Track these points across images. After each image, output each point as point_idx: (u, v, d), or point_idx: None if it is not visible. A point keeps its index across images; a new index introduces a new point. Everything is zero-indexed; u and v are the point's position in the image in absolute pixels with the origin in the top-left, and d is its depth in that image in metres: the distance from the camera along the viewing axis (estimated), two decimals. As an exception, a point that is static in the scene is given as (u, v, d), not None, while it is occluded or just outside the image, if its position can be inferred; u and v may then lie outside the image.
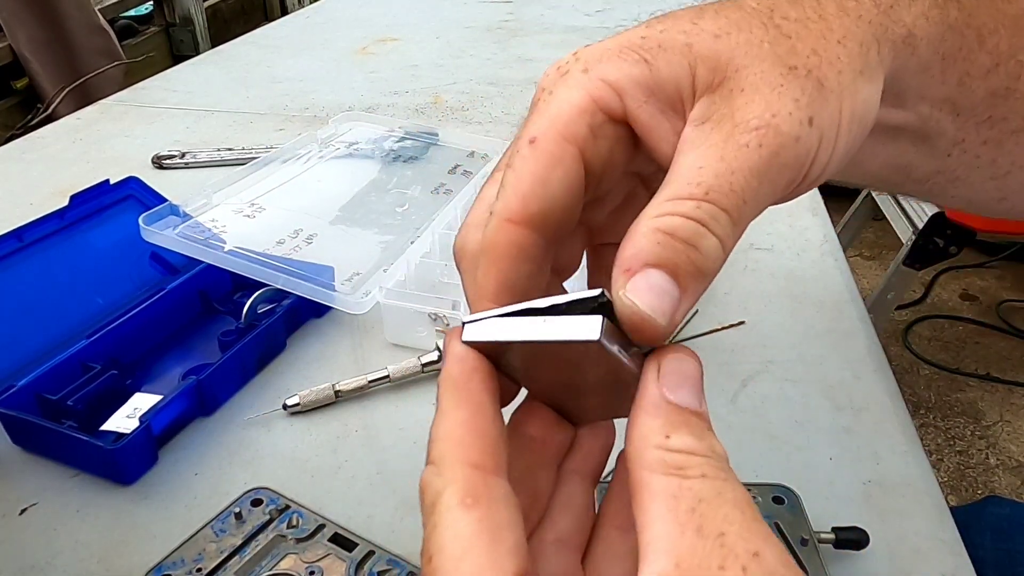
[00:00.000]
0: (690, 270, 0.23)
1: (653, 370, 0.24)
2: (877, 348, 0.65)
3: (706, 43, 0.25)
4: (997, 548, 0.68)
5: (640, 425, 0.23)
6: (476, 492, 0.22)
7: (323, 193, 0.77)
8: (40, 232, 0.64)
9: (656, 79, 0.25)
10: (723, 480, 0.22)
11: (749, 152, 0.23)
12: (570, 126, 0.25)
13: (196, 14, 2.98)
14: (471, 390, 0.24)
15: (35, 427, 0.53)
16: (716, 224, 0.23)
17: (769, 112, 0.24)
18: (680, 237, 0.23)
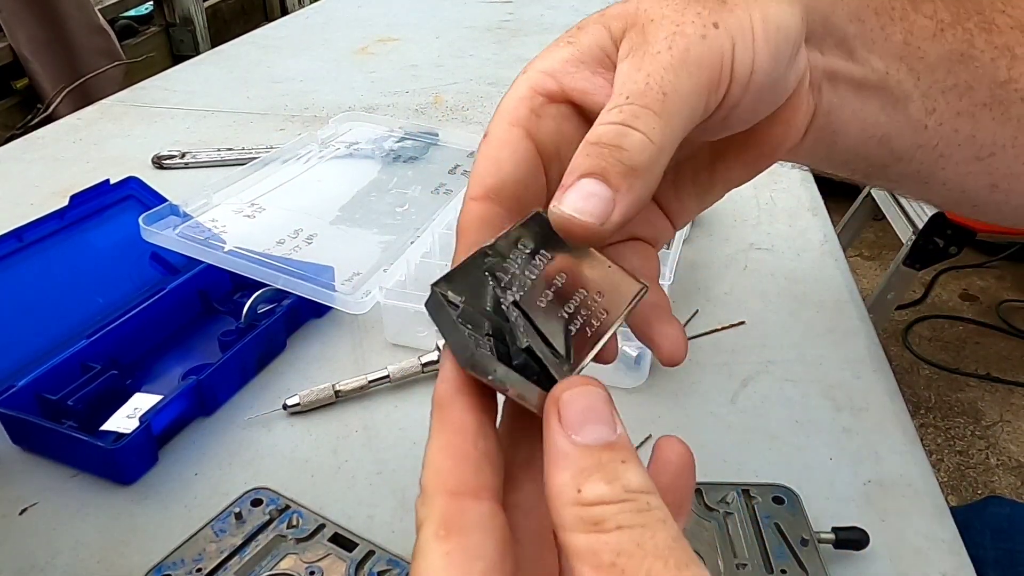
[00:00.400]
0: (619, 169, 0.25)
1: (554, 415, 0.23)
2: (877, 348, 0.65)
3: (616, 7, 0.29)
4: (997, 548, 0.68)
5: (552, 482, 0.23)
6: (449, 523, 0.22)
7: (323, 193, 0.77)
8: (40, 232, 0.64)
9: (580, 50, 0.29)
10: (642, 527, 0.21)
11: (660, 56, 0.26)
12: (513, 112, 0.29)
13: (196, 14, 2.98)
14: (453, 411, 0.24)
15: (35, 427, 0.53)
16: (638, 121, 0.25)
17: (674, 25, 0.27)
18: (604, 142, 0.25)
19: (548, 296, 0.27)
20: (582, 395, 0.23)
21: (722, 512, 0.48)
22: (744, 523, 0.47)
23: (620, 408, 0.25)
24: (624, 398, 0.58)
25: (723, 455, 0.55)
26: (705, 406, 0.59)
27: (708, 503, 0.49)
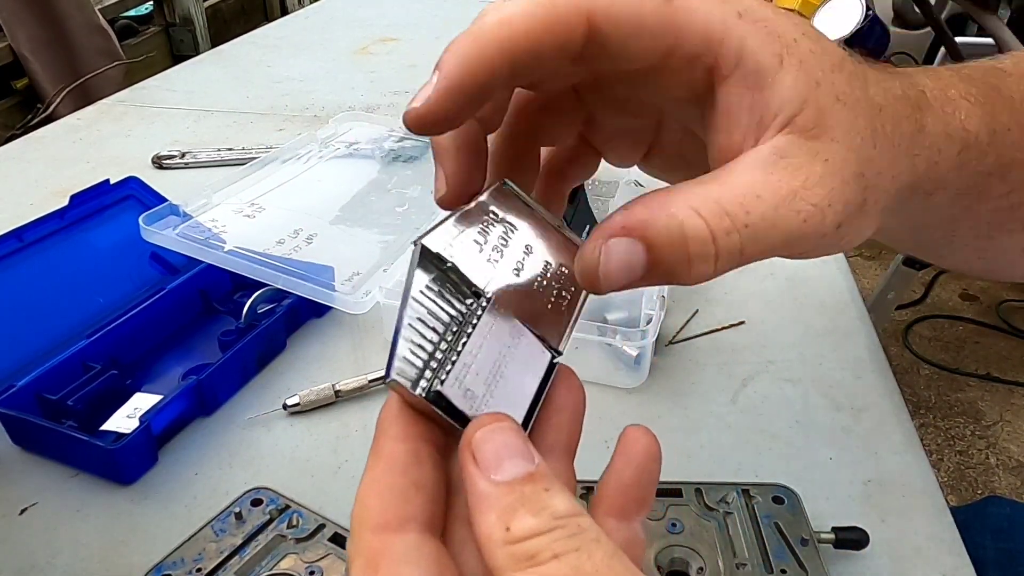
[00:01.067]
0: (665, 272, 0.24)
1: (469, 458, 0.23)
2: (877, 348, 0.65)
3: (819, 92, 0.25)
4: (997, 548, 0.68)
5: (480, 527, 0.22)
6: (375, 561, 0.22)
7: (323, 193, 0.77)
8: (40, 232, 0.64)
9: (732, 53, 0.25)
10: (576, 551, 0.21)
11: (794, 219, 0.24)
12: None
13: (196, 14, 2.98)
14: (387, 438, 0.24)
15: (35, 427, 0.53)
16: (725, 257, 0.24)
17: (829, 197, 0.24)
18: (692, 241, 0.24)
19: (522, 268, 0.27)
20: (494, 432, 0.23)
21: (722, 512, 0.48)
22: (744, 523, 0.47)
23: (620, 408, 0.25)
24: (624, 398, 0.58)
25: (723, 455, 0.55)
26: (705, 406, 0.59)
27: (708, 503, 0.49)
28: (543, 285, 0.27)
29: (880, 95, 0.26)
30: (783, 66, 0.24)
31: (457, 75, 0.23)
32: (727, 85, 0.25)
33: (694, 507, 0.48)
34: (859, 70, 0.26)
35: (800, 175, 0.24)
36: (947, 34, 2.37)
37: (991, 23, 1.85)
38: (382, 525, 0.23)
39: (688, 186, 0.24)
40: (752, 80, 0.24)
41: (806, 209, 0.24)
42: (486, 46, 0.23)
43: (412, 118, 0.24)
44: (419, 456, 0.24)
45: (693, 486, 0.50)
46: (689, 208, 0.24)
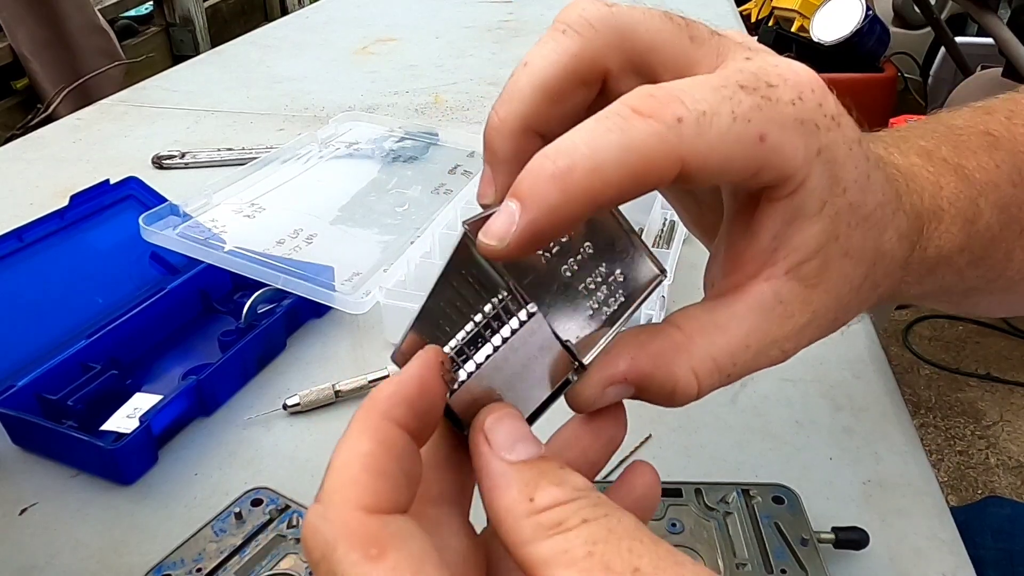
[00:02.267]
0: (644, 400, 0.27)
1: (482, 442, 0.23)
2: (877, 348, 0.65)
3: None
4: (997, 548, 0.68)
5: (499, 503, 0.22)
6: (379, 540, 0.20)
7: (323, 193, 0.78)
8: (40, 232, 0.64)
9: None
10: (606, 516, 0.21)
11: (764, 362, 0.27)
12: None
13: (196, 14, 2.98)
14: (384, 421, 0.22)
15: (35, 427, 0.53)
16: (702, 396, 0.27)
17: (800, 344, 0.27)
18: (680, 394, 0.27)
19: (574, 266, 0.26)
20: (506, 417, 0.24)
21: (722, 512, 0.48)
22: (744, 523, 0.47)
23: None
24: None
25: (723, 455, 0.55)
26: (705, 406, 0.59)
27: (708, 503, 0.49)
28: (591, 288, 0.26)
29: (891, 239, 0.28)
30: (821, 213, 0.25)
31: (540, 220, 0.22)
32: (772, 205, 0.25)
33: (694, 507, 0.48)
34: (886, 215, 0.27)
35: (788, 324, 0.26)
36: (947, 34, 2.37)
37: (991, 23, 1.85)
38: (375, 507, 0.21)
39: (692, 334, 0.26)
40: (791, 214, 0.25)
41: (777, 354, 0.27)
42: (573, 195, 0.22)
43: (489, 252, 0.23)
44: (412, 449, 0.23)
45: (693, 486, 0.50)
46: (689, 368, 0.26)
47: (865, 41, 2.57)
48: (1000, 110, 0.36)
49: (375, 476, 0.21)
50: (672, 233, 0.73)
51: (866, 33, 2.55)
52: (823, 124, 0.24)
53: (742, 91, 0.23)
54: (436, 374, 0.23)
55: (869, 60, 2.62)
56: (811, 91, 0.24)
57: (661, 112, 0.22)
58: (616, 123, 0.22)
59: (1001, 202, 0.33)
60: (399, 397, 0.23)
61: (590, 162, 0.22)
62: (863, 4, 2.52)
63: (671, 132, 0.22)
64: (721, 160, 0.23)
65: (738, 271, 0.27)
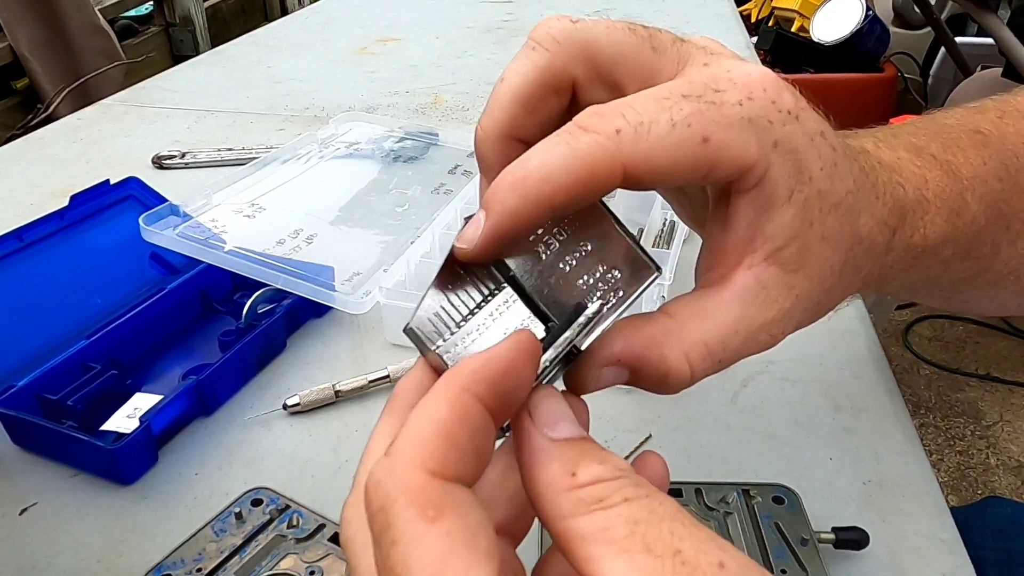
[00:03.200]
0: (639, 386, 0.28)
1: (525, 418, 0.24)
2: (877, 348, 0.65)
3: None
4: (997, 548, 0.68)
5: (539, 478, 0.22)
6: (438, 503, 0.20)
7: (323, 193, 0.77)
8: (40, 232, 0.64)
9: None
10: (648, 496, 0.21)
11: (754, 347, 0.28)
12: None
13: (196, 14, 2.98)
14: (464, 393, 0.22)
15: (35, 427, 0.53)
16: (695, 382, 0.28)
17: (786, 328, 0.28)
18: (673, 378, 0.27)
19: (572, 263, 0.27)
20: (550, 396, 0.24)
21: (722, 512, 0.48)
22: (744, 523, 0.47)
23: (620, 408, 0.25)
24: (624, 398, 0.58)
25: (723, 455, 0.55)
26: (705, 406, 0.59)
27: (708, 503, 0.49)
28: (589, 284, 0.28)
29: (867, 226, 0.29)
30: (790, 201, 0.27)
31: (501, 224, 0.25)
32: (740, 198, 0.27)
33: (694, 507, 0.48)
34: (859, 200, 0.29)
35: (773, 309, 0.28)
36: (947, 34, 2.38)
37: (991, 23, 1.85)
38: (440, 472, 0.21)
39: (684, 320, 0.27)
40: (761, 204, 0.27)
41: (766, 339, 0.28)
42: (530, 201, 0.25)
43: (461, 255, 0.26)
44: (488, 427, 0.23)
45: (693, 486, 0.50)
46: (681, 352, 0.27)
47: (865, 41, 2.57)
48: (992, 110, 0.37)
49: (445, 443, 0.21)
50: (672, 233, 0.73)
51: (866, 33, 2.55)
52: (776, 119, 0.26)
53: (684, 100, 0.25)
54: (526, 359, 0.23)
55: (869, 60, 2.62)
56: (762, 90, 0.26)
57: (602, 126, 0.25)
58: (564, 138, 0.25)
59: (988, 197, 0.34)
60: (483, 373, 0.23)
61: (541, 171, 0.25)
62: (863, 4, 2.52)
63: (610, 142, 0.25)
64: (665, 162, 0.25)
65: (722, 262, 0.28)
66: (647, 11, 1.48)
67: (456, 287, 0.27)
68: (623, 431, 0.55)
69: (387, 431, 0.26)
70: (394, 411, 0.26)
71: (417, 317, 0.26)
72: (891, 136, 0.34)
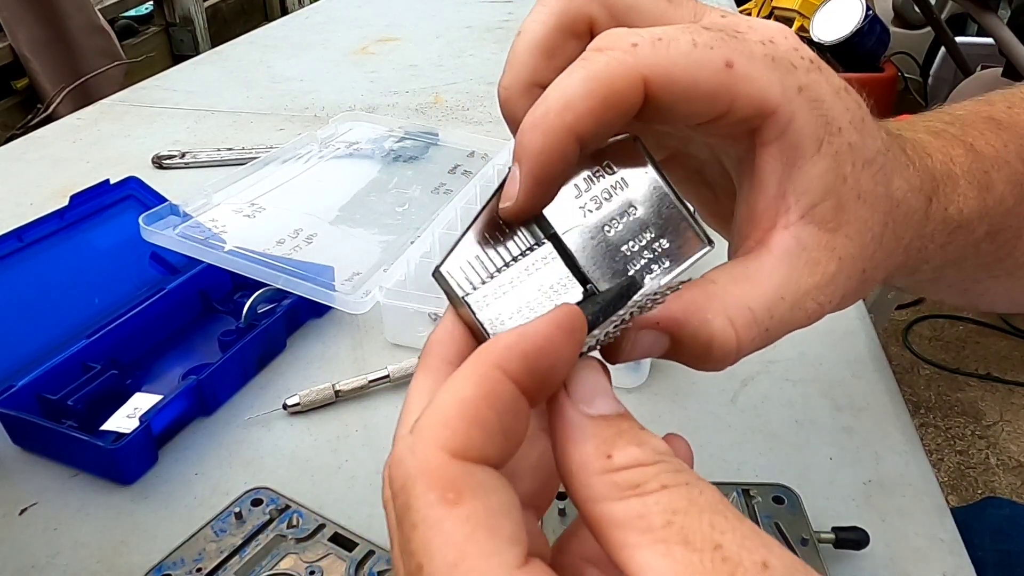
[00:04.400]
0: (680, 360, 0.26)
1: (560, 391, 0.22)
2: (877, 348, 0.65)
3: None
4: (996, 549, 0.68)
5: (572, 457, 0.21)
6: (458, 485, 0.19)
7: (323, 193, 0.77)
8: (40, 232, 0.64)
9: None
10: (687, 484, 0.20)
11: (801, 316, 0.26)
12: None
13: (196, 14, 2.98)
14: (491, 368, 0.21)
15: (35, 427, 0.53)
16: (741, 356, 0.26)
17: (833, 295, 0.27)
18: (717, 348, 0.25)
19: (617, 227, 0.26)
20: (588, 369, 0.23)
21: (722, 512, 0.48)
22: (744, 523, 0.47)
23: None
24: (624, 398, 0.58)
25: (723, 455, 0.55)
26: (705, 406, 0.59)
27: (708, 503, 0.48)
28: (634, 251, 0.26)
29: (901, 189, 0.28)
30: (820, 152, 0.25)
31: (535, 169, 0.24)
32: (766, 150, 0.26)
33: (694, 507, 0.48)
34: (890, 162, 0.27)
35: (817, 272, 0.26)
36: (947, 34, 2.37)
37: (991, 23, 1.85)
38: (462, 453, 0.20)
39: (726, 285, 0.26)
40: (789, 155, 0.26)
41: (813, 307, 0.26)
42: (555, 135, 0.24)
43: (509, 214, 0.25)
44: (519, 406, 0.21)
45: (693, 486, 0.50)
46: (725, 317, 0.25)
47: (865, 41, 2.57)
48: (1000, 101, 0.37)
49: (469, 423, 0.20)
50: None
51: (866, 33, 2.55)
52: (800, 64, 0.25)
53: (705, 30, 0.24)
54: (567, 337, 0.21)
55: (869, 60, 2.62)
56: (784, 37, 0.25)
57: (618, 42, 0.24)
58: (580, 64, 0.24)
59: (1013, 178, 0.33)
60: (517, 350, 0.21)
61: (560, 101, 0.24)
62: (863, 4, 2.52)
63: (627, 55, 0.24)
64: (686, 79, 0.24)
65: (757, 226, 0.27)
66: (647, 11, 1.47)
67: (493, 238, 0.26)
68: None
69: (424, 388, 0.24)
70: (429, 367, 0.24)
71: (449, 262, 0.25)
72: (906, 125, 0.33)
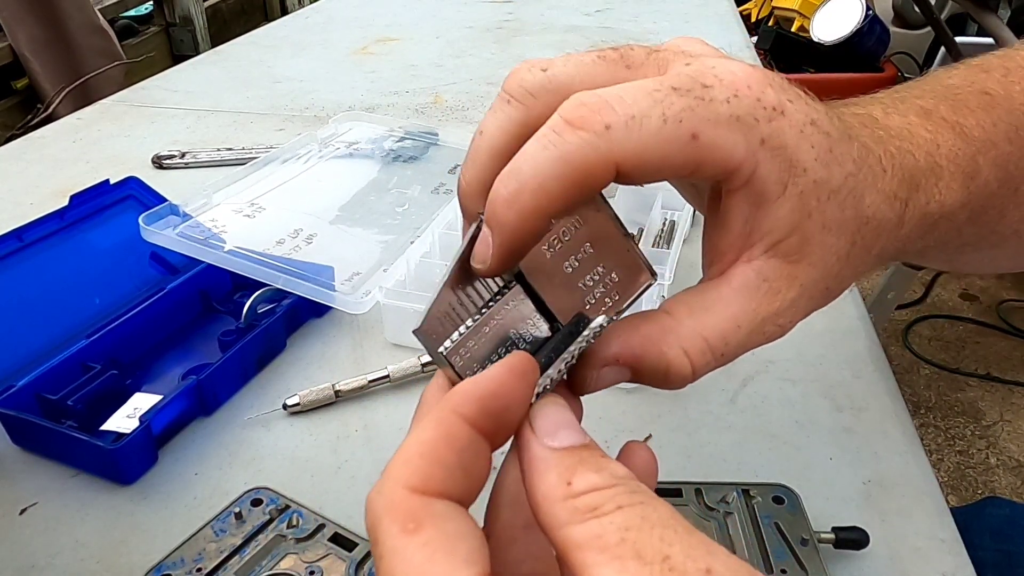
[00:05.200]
0: (643, 383, 0.28)
1: (526, 427, 0.24)
2: (877, 348, 0.65)
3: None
4: (996, 549, 0.68)
5: (537, 488, 0.23)
6: (417, 516, 0.21)
7: (323, 193, 0.77)
8: (40, 232, 0.64)
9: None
10: (641, 503, 0.21)
11: (760, 339, 0.28)
12: None
13: (196, 14, 2.98)
14: (451, 415, 0.23)
15: (35, 427, 0.53)
16: (697, 377, 0.28)
17: (794, 317, 0.28)
18: (674, 375, 0.27)
19: (575, 264, 0.28)
20: (551, 405, 0.25)
21: (722, 512, 0.48)
22: (744, 523, 0.47)
23: (620, 408, 0.25)
24: (624, 398, 0.58)
25: (723, 455, 0.55)
26: (705, 406, 0.59)
27: (708, 503, 0.49)
28: (589, 285, 0.28)
29: (873, 204, 0.29)
30: (785, 194, 0.27)
31: (508, 240, 0.25)
32: (731, 196, 0.27)
33: (694, 507, 0.48)
34: (861, 181, 0.28)
35: (776, 300, 0.28)
36: (947, 34, 2.37)
37: (991, 23, 1.85)
38: (421, 488, 0.22)
39: (681, 317, 0.28)
40: (754, 199, 0.27)
41: (773, 329, 0.28)
42: (528, 214, 0.25)
43: (481, 275, 0.27)
44: (477, 447, 0.24)
45: (693, 486, 0.50)
46: (679, 348, 0.27)
47: (865, 41, 2.57)
48: (996, 68, 0.37)
49: (429, 462, 0.22)
50: (672, 233, 0.73)
51: (866, 33, 2.55)
52: (762, 116, 0.26)
53: (675, 93, 0.25)
54: (519, 380, 0.24)
55: (869, 60, 2.62)
56: (747, 87, 0.26)
57: (591, 121, 0.24)
58: (551, 139, 0.25)
59: (999, 160, 0.34)
60: (472, 395, 0.23)
61: (534, 182, 0.24)
62: (863, 4, 2.52)
63: (601, 140, 0.24)
64: (656, 159, 0.25)
65: (721, 259, 0.28)
66: (647, 11, 1.47)
67: (465, 287, 0.27)
68: (623, 431, 0.55)
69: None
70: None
71: (427, 320, 0.26)
72: (899, 101, 0.34)
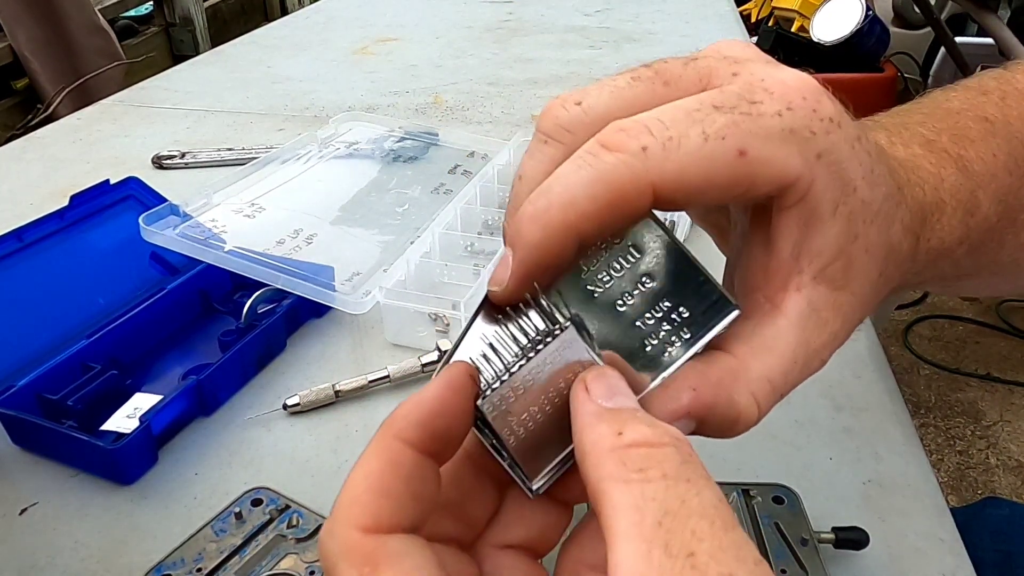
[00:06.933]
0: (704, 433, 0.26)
1: (581, 391, 0.23)
2: (877, 348, 0.65)
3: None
4: (996, 549, 0.68)
5: (587, 438, 0.22)
6: (373, 558, 0.21)
7: (323, 193, 0.78)
8: (40, 232, 0.64)
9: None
10: (687, 481, 0.21)
11: (806, 374, 0.27)
12: None
13: (196, 14, 2.98)
14: (394, 441, 0.23)
15: (35, 427, 0.53)
16: (766, 413, 0.26)
17: (835, 349, 0.27)
18: (743, 423, 0.26)
19: (630, 300, 0.25)
20: (608, 374, 0.24)
21: (722, 512, 0.48)
22: (744, 523, 0.47)
23: None
24: (624, 398, 0.58)
25: (723, 455, 0.55)
26: (705, 406, 0.59)
27: (708, 503, 0.48)
28: (648, 323, 0.25)
29: (897, 233, 0.28)
30: (836, 214, 0.25)
31: (529, 260, 0.24)
32: (784, 215, 0.26)
33: (694, 507, 0.48)
34: (891, 207, 0.27)
35: (825, 331, 0.26)
36: (947, 34, 2.37)
37: (991, 23, 1.85)
38: (372, 527, 0.22)
39: (746, 359, 0.26)
40: (806, 219, 0.26)
41: (817, 364, 0.27)
42: (554, 231, 0.24)
43: (496, 300, 0.25)
44: (424, 469, 0.23)
45: (693, 486, 0.49)
46: (749, 395, 0.25)
47: (865, 41, 2.57)
48: (994, 91, 0.36)
49: (377, 496, 0.22)
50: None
51: (866, 33, 2.55)
52: (819, 128, 0.24)
53: (716, 111, 0.24)
54: (458, 393, 0.23)
55: (869, 60, 2.62)
56: (802, 99, 0.24)
57: (627, 144, 0.23)
58: (587, 160, 0.23)
59: (999, 193, 0.33)
60: (412, 418, 0.23)
61: (564, 198, 0.23)
62: (863, 4, 2.52)
63: (636, 160, 0.23)
64: (699, 179, 0.24)
65: (768, 285, 0.27)
66: (647, 11, 1.48)
67: (504, 324, 0.25)
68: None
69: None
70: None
71: (460, 354, 0.24)
72: (902, 128, 0.33)
